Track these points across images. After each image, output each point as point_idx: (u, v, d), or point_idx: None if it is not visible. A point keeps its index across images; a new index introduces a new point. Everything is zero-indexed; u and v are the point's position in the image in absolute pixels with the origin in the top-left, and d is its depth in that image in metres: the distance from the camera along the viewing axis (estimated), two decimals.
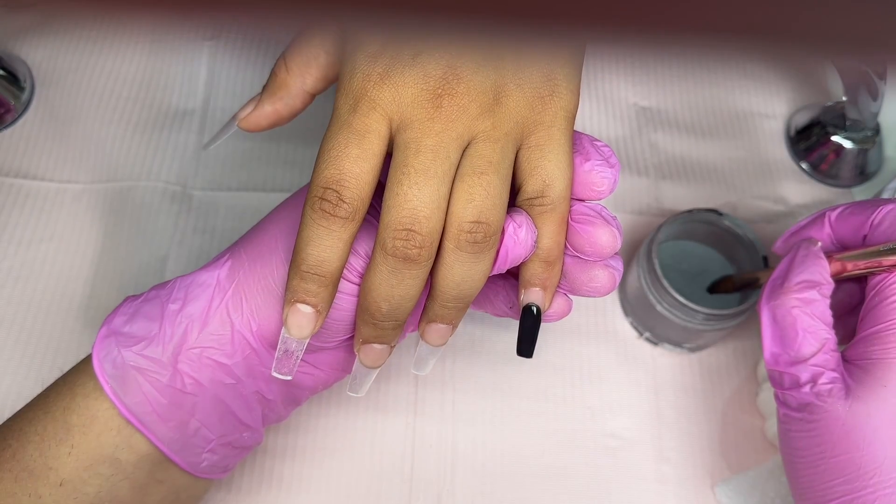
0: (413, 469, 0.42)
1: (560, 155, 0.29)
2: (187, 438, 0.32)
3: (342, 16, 0.11)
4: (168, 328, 0.31)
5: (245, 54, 0.55)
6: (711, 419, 0.45)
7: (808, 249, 0.35)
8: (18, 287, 0.46)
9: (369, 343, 0.31)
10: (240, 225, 0.49)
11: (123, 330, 0.32)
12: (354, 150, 0.27)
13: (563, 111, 0.30)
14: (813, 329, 0.33)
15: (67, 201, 0.49)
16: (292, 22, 0.11)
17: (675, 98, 0.57)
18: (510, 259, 0.29)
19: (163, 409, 0.31)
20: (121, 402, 0.31)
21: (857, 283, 0.36)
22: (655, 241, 0.44)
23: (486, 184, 0.28)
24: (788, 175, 0.54)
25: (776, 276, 0.35)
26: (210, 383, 0.31)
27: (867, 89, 0.50)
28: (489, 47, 0.28)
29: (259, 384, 0.33)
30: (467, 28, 0.11)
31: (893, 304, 0.32)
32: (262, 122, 0.35)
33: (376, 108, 0.28)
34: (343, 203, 0.27)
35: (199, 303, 0.31)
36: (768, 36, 0.11)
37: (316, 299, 0.29)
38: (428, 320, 0.31)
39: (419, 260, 0.28)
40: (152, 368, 0.31)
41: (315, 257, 0.28)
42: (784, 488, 0.43)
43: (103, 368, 0.31)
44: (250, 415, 0.33)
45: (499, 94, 0.28)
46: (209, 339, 0.31)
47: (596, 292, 0.31)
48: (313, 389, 0.35)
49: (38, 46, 0.54)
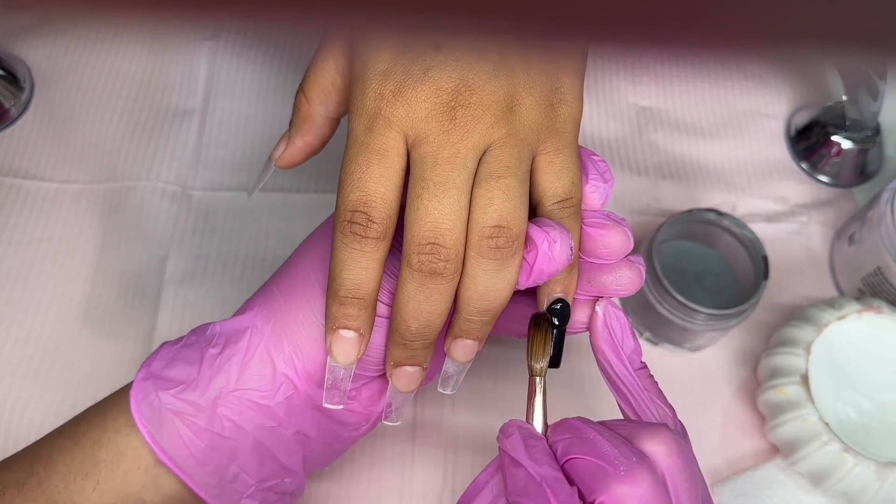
0: (412, 487, 0.42)
1: (576, 159, 0.30)
2: (226, 483, 0.31)
3: (343, 16, 0.11)
4: (207, 372, 0.31)
5: (245, 54, 0.55)
6: (711, 419, 0.45)
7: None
8: (18, 287, 0.46)
9: (401, 366, 0.30)
10: (240, 225, 0.49)
11: (162, 374, 0.31)
12: (376, 170, 0.27)
13: (571, 118, 0.30)
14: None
15: (67, 201, 0.49)
16: (292, 22, 0.11)
17: (675, 98, 0.56)
18: (546, 275, 0.29)
19: (200, 453, 0.30)
20: (158, 447, 0.30)
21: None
22: (655, 241, 0.44)
23: (504, 187, 0.28)
24: (788, 175, 0.54)
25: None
26: (250, 427, 0.31)
27: (867, 89, 0.50)
28: (498, 57, 0.28)
29: (300, 423, 0.32)
30: (475, 35, 0.11)
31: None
32: (296, 157, 0.35)
33: (392, 126, 0.28)
34: (373, 223, 0.27)
35: (238, 346, 0.31)
36: (768, 36, 0.11)
37: (357, 322, 0.29)
38: (453, 336, 0.30)
39: (445, 273, 0.27)
40: (190, 412, 0.30)
41: (352, 281, 0.28)
42: (784, 489, 0.43)
43: (141, 412, 0.31)
44: (291, 458, 0.32)
45: (512, 103, 0.28)
46: (250, 381, 0.31)
47: (625, 289, 0.31)
48: (357, 426, 0.34)
49: (38, 46, 0.54)
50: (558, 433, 0.28)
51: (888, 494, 0.40)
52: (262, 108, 0.53)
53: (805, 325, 0.44)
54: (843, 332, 0.44)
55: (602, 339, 0.31)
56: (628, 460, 0.26)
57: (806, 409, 0.41)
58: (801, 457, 0.41)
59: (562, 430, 0.28)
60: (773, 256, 0.48)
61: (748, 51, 0.11)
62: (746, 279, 0.46)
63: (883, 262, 0.45)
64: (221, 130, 0.52)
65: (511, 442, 0.28)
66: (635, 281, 0.31)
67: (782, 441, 0.43)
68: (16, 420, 0.42)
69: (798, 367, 0.42)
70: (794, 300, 0.49)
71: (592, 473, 0.26)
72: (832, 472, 0.40)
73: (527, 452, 0.27)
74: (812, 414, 0.41)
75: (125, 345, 0.45)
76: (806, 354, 0.42)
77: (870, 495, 0.40)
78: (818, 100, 0.57)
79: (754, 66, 0.58)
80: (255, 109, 0.53)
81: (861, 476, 0.40)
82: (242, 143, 0.52)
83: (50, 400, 0.43)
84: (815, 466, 0.41)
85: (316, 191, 0.50)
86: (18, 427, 0.42)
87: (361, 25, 0.11)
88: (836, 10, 0.11)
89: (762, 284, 0.44)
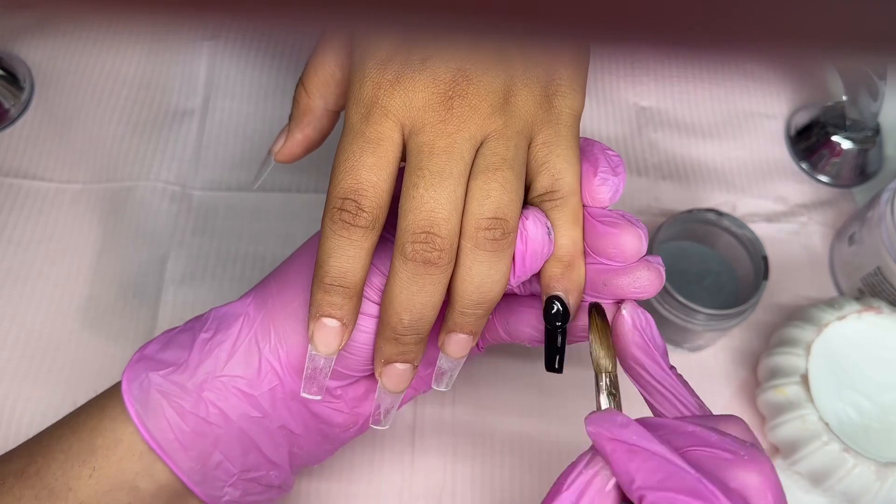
0: (412, 486, 0.42)
1: (567, 151, 0.29)
2: (209, 470, 0.31)
3: (343, 16, 0.11)
4: (196, 355, 0.31)
5: (245, 54, 0.55)
6: None
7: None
8: (18, 287, 0.46)
9: (391, 363, 0.30)
10: (240, 225, 0.49)
11: (155, 356, 0.31)
12: (370, 158, 0.27)
13: (568, 109, 0.30)
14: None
15: (67, 201, 0.49)
16: (292, 22, 0.11)
17: (675, 98, 0.56)
18: (528, 259, 0.28)
19: (185, 437, 0.30)
20: (144, 427, 0.30)
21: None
22: (655, 241, 0.44)
23: (501, 179, 0.27)
24: (788, 175, 0.54)
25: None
26: (235, 415, 0.31)
27: (867, 89, 0.50)
28: (496, 49, 0.28)
29: (285, 417, 0.32)
30: (474, 29, 0.11)
31: None
32: (296, 150, 0.35)
33: (388, 115, 0.28)
34: (363, 212, 0.27)
35: (228, 332, 0.31)
36: (769, 36, 0.11)
37: (341, 312, 0.28)
38: (447, 330, 0.30)
39: (439, 263, 0.27)
40: (177, 393, 0.30)
41: (338, 269, 0.28)
42: (784, 489, 0.43)
43: (131, 392, 0.31)
44: (276, 451, 0.32)
45: (508, 94, 0.28)
46: (236, 368, 0.31)
47: (644, 292, 0.29)
48: (344, 427, 0.34)
49: (38, 46, 0.54)
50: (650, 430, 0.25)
51: (888, 494, 0.40)
52: (262, 108, 0.53)
53: (805, 325, 0.44)
54: (843, 332, 0.44)
55: (633, 342, 0.29)
56: (743, 446, 0.24)
57: (806, 409, 0.41)
58: (801, 457, 0.41)
59: (650, 427, 0.25)
60: (773, 256, 0.48)
61: (748, 51, 0.11)
62: (746, 279, 0.46)
63: (883, 262, 0.45)
64: (221, 130, 0.52)
65: (633, 431, 0.24)
66: (655, 282, 0.29)
67: (782, 441, 0.43)
68: (15, 419, 0.42)
69: (798, 367, 0.42)
70: (794, 300, 0.49)
71: (714, 465, 0.24)
72: (832, 472, 0.40)
73: (660, 440, 0.24)
74: (812, 414, 0.41)
75: (125, 345, 0.45)
76: (806, 354, 0.42)
77: (870, 495, 0.40)
78: (818, 100, 0.57)
79: (754, 66, 0.58)
80: (255, 109, 0.53)
81: (861, 476, 0.40)
82: (242, 142, 0.52)
83: (50, 400, 0.43)
84: (815, 466, 0.41)
85: (316, 190, 0.50)
86: (18, 426, 0.42)
87: (361, 26, 0.11)
88: (837, 10, 0.11)
89: (762, 284, 0.44)
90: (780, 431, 0.42)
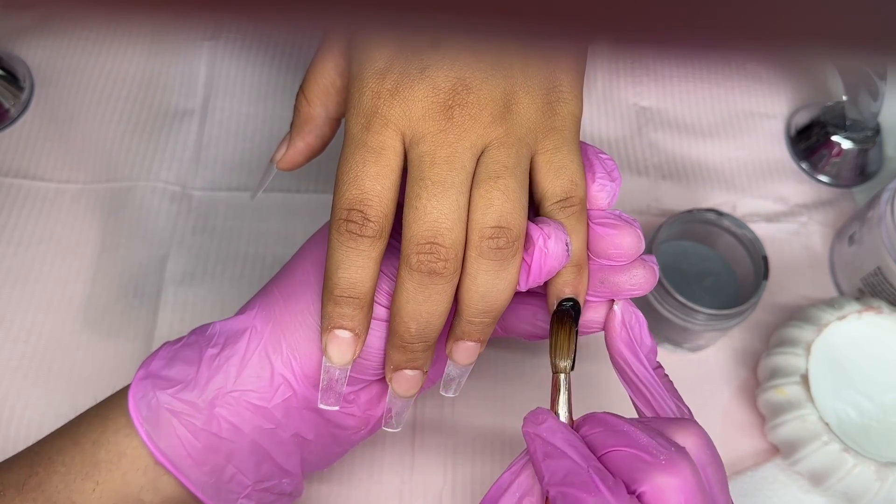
0: (412, 487, 0.42)
1: (577, 157, 0.29)
2: (222, 484, 0.31)
3: (342, 16, 0.11)
4: (205, 372, 0.31)
5: (244, 54, 0.55)
6: (711, 419, 0.45)
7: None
8: (18, 287, 0.46)
9: (401, 369, 0.30)
10: (240, 225, 0.49)
11: (161, 373, 0.31)
12: (373, 168, 0.27)
13: (571, 116, 0.30)
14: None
15: (67, 201, 0.49)
16: (292, 22, 0.11)
17: (675, 98, 0.56)
18: (545, 272, 0.29)
19: (197, 453, 0.30)
20: (154, 446, 0.30)
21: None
22: (655, 241, 0.44)
23: (503, 187, 0.27)
24: (788, 175, 0.54)
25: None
26: (248, 428, 0.31)
27: (867, 89, 0.50)
28: (496, 55, 0.28)
29: (298, 426, 0.32)
30: (474, 29, 0.11)
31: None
32: (298, 158, 0.35)
33: (388, 124, 0.27)
34: (369, 222, 0.27)
35: (236, 346, 0.31)
36: (769, 36, 0.11)
37: (353, 322, 0.28)
38: (455, 338, 0.30)
39: (445, 273, 0.27)
40: (187, 412, 0.30)
41: (347, 280, 0.28)
42: (784, 489, 0.43)
43: (139, 410, 0.30)
44: (288, 460, 0.32)
45: (509, 102, 0.28)
46: (248, 382, 0.30)
47: (639, 289, 0.30)
48: (356, 430, 0.34)
49: (38, 46, 0.54)
50: (588, 427, 0.28)
51: (888, 494, 0.40)
52: (262, 108, 0.53)
53: (805, 325, 0.44)
54: (843, 332, 0.44)
55: (620, 338, 0.30)
56: (667, 451, 0.25)
57: (806, 409, 0.41)
58: (801, 457, 0.41)
59: (592, 423, 0.28)
60: (773, 256, 0.48)
61: (748, 50, 0.11)
62: (746, 279, 0.46)
63: (883, 262, 0.45)
64: (221, 130, 0.52)
65: (546, 429, 0.27)
66: (650, 280, 0.30)
67: (782, 441, 0.43)
68: (16, 420, 0.42)
69: (798, 367, 0.42)
70: (794, 300, 0.49)
71: (632, 465, 0.25)
72: (832, 472, 0.40)
73: (565, 440, 0.26)
74: (812, 414, 0.41)
75: (125, 345, 0.45)
76: (806, 354, 0.42)
77: (870, 495, 0.40)
78: (818, 100, 0.57)
79: (754, 66, 0.58)
80: (255, 109, 0.53)
81: (861, 476, 0.40)
82: (242, 143, 0.52)
83: (50, 400, 0.43)
84: (815, 466, 0.41)
85: (316, 191, 0.50)
86: (18, 427, 0.42)
87: (360, 26, 0.11)
88: (837, 10, 0.11)
89: (762, 284, 0.44)
90: (780, 431, 0.42)
